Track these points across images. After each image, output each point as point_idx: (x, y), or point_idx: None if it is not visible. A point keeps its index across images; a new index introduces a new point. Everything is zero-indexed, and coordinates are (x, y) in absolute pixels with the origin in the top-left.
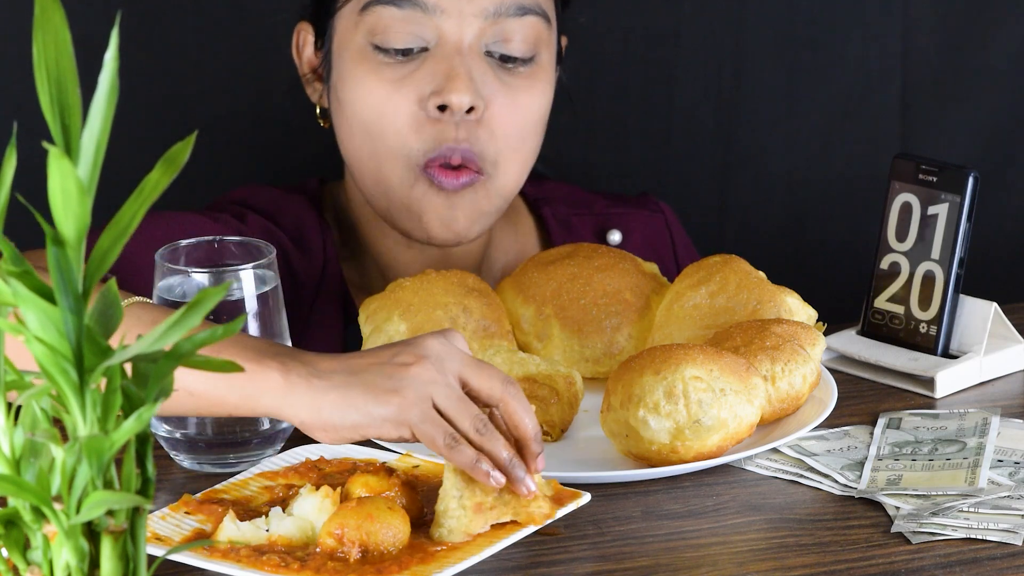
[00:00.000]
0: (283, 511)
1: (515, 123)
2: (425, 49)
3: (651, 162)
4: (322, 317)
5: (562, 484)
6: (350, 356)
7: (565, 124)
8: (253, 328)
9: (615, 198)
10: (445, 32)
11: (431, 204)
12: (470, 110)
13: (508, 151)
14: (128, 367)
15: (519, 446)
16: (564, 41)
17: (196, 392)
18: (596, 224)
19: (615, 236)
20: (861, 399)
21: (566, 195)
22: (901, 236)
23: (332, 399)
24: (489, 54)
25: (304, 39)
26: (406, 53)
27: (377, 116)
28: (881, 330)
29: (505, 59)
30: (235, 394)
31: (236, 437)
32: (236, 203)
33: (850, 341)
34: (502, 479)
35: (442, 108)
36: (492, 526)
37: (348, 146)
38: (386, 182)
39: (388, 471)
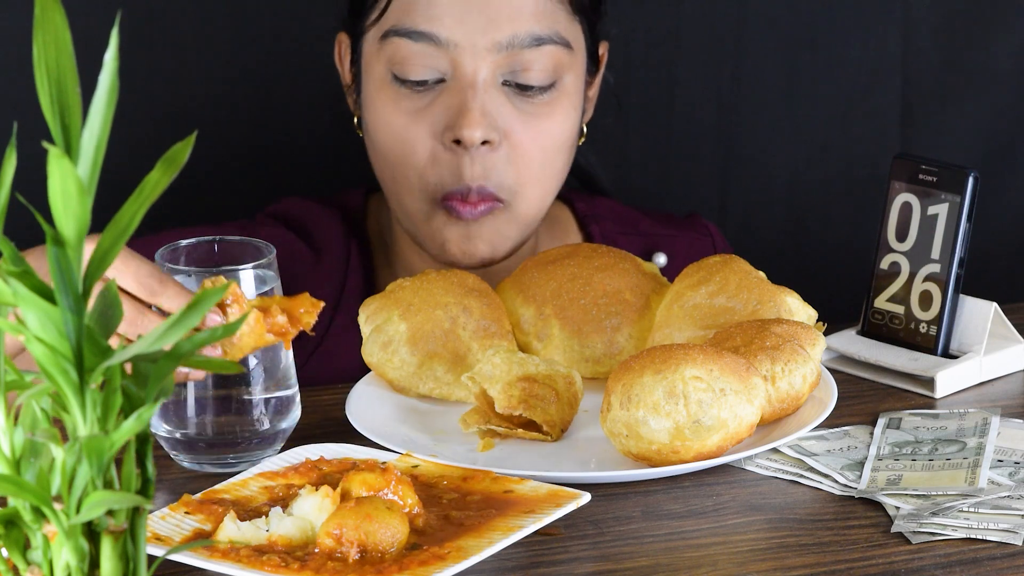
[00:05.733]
0: (283, 511)
1: (536, 150)
2: (442, 80)
3: (651, 162)
4: (341, 328)
5: (562, 484)
6: None
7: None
8: None
9: (663, 218)
10: (460, 65)
11: (451, 233)
12: (485, 142)
13: (528, 179)
14: (128, 367)
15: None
16: (604, 47)
17: None
18: (643, 245)
19: (660, 259)
20: (861, 399)
21: (615, 213)
22: (901, 236)
23: None
24: (507, 84)
25: (344, 51)
26: (423, 84)
27: (397, 147)
28: (881, 330)
29: (524, 88)
30: None
31: (236, 437)
32: (271, 215)
33: (850, 341)
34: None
35: (457, 141)
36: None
37: (374, 167)
38: (407, 210)
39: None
